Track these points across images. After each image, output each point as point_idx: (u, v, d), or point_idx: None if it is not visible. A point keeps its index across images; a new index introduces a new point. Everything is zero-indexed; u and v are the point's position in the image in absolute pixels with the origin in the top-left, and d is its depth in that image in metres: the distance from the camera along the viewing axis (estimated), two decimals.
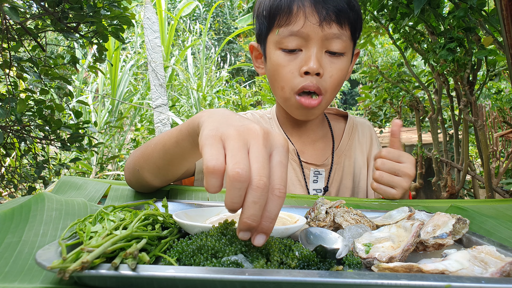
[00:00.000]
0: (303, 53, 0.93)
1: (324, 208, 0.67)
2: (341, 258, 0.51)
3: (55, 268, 0.39)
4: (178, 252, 0.50)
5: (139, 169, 0.81)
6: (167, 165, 0.76)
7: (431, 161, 2.60)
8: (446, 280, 0.40)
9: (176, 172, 0.81)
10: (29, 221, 0.58)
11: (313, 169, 1.08)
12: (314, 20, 0.90)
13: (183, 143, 0.66)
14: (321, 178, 1.09)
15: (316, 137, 1.13)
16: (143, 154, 0.80)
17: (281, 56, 0.95)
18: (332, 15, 0.90)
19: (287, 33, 0.92)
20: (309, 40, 0.92)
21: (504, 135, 2.36)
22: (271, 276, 0.40)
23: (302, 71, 0.93)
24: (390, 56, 3.55)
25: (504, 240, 0.65)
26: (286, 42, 0.93)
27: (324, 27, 0.91)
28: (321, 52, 0.93)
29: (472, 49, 1.69)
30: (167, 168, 0.77)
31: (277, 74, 0.97)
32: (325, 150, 1.12)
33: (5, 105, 1.56)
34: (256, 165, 0.44)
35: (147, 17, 3.42)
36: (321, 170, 1.09)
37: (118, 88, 5.12)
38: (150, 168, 0.78)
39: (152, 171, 0.79)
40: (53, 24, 1.58)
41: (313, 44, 0.92)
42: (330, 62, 0.95)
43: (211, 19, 10.08)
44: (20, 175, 2.14)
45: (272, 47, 0.97)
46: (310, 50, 0.92)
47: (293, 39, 0.92)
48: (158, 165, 0.77)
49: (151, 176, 0.80)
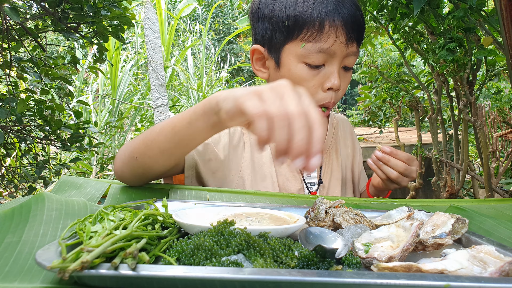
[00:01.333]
0: (326, 69, 0.96)
1: (324, 208, 0.67)
2: (341, 258, 0.51)
3: (55, 268, 0.39)
4: (178, 251, 0.50)
5: (138, 156, 0.82)
6: (173, 147, 0.78)
7: (430, 161, 2.60)
8: (445, 280, 0.40)
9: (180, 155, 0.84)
10: (29, 221, 0.58)
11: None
12: (343, 39, 0.93)
13: (197, 123, 0.70)
14: (314, 172, 1.13)
15: None
16: (144, 140, 0.81)
17: (305, 71, 0.96)
18: (355, 34, 0.94)
19: (315, 49, 0.93)
20: (334, 57, 0.95)
21: (503, 135, 2.36)
22: (271, 276, 0.40)
23: (326, 87, 0.96)
24: (389, 56, 3.56)
25: (503, 239, 0.65)
26: (313, 58, 0.94)
27: (348, 45, 0.94)
28: (340, 68, 0.97)
29: (471, 49, 1.69)
30: (171, 151, 0.79)
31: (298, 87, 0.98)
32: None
33: (6, 105, 1.56)
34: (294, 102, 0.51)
35: (147, 17, 3.42)
36: None
37: (118, 88, 5.12)
38: (152, 153, 0.80)
39: (154, 156, 0.81)
40: (54, 24, 1.58)
41: (336, 61, 0.95)
42: (344, 77, 1.00)
43: (211, 20, 10.08)
44: (21, 175, 2.14)
45: (293, 58, 0.96)
46: (333, 66, 0.95)
47: (321, 55, 0.94)
48: (161, 149, 0.79)
49: (150, 161, 0.82)
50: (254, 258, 0.48)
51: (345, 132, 1.26)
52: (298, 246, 0.52)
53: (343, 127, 1.26)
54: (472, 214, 0.76)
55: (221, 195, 0.90)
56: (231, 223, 0.54)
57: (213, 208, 0.71)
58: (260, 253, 0.49)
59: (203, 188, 0.96)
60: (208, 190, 0.94)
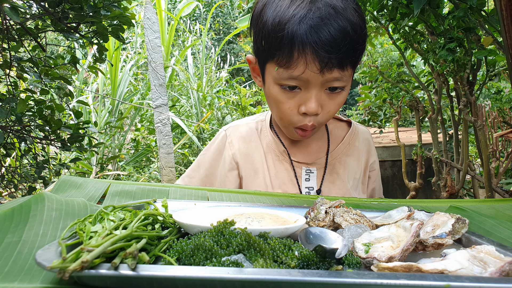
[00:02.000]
0: (302, 93, 0.91)
1: (324, 208, 0.67)
2: (341, 258, 0.51)
3: (55, 268, 0.39)
4: (178, 252, 0.50)
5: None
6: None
7: (430, 161, 2.60)
8: (445, 280, 0.40)
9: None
10: (29, 221, 0.58)
11: (304, 168, 1.09)
12: (314, 68, 0.85)
13: None
14: (313, 177, 1.09)
15: (309, 141, 1.14)
16: None
17: (280, 93, 0.92)
18: (334, 60, 0.85)
19: (286, 76, 0.88)
20: (308, 83, 0.88)
21: (503, 135, 2.36)
22: (271, 276, 0.40)
23: (301, 111, 0.92)
24: (389, 56, 3.55)
25: (503, 240, 0.65)
26: (285, 82, 0.89)
27: (325, 73, 0.86)
28: (321, 92, 0.90)
29: (472, 49, 1.69)
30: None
31: (276, 107, 0.97)
32: (318, 152, 1.13)
33: (5, 105, 1.56)
34: None
35: (147, 17, 3.42)
36: (312, 169, 1.10)
37: (118, 88, 5.12)
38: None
39: None
40: (53, 24, 1.58)
41: (313, 87, 0.89)
42: (330, 98, 0.92)
43: (211, 19, 10.08)
44: (20, 175, 2.14)
45: (271, 79, 0.93)
46: (310, 91, 0.90)
47: (293, 81, 0.89)
48: None
49: None
50: (255, 258, 0.48)
51: (363, 146, 1.19)
52: (298, 246, 0.52)
53: (361, 140, 1.20)
54: (472, 214, 0.76)
55: (221, 195, 0.90)
56: (231, 223, 0.54)
57: (213, 208, 0.71)
58: (260, 253, 0.49)
59: (203, 188, 0.96)
60: (208, 190, 0.94)
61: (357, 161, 1.16)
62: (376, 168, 1.23)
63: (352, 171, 1.14)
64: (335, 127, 1.20)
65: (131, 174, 4.27)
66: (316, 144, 1.14)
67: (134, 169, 4.56)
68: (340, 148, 1.15)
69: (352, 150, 1.16)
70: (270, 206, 0.77)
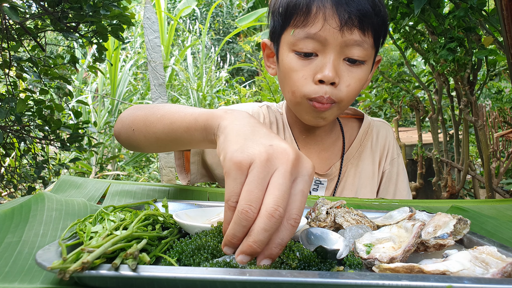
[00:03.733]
0: (319, 59, 0.85)
1: (325, 209, 0.67)
2: (342, 259, 0.51)
3: (56, 268, 0.39)
4: (178, 252, 0.50)
5: (136, 129, 0.78)
6: (168, 142, 0.73)
7: (431, 161, 2.60)
8: (447, 281, 0.40)
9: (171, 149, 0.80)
10: (29, 221, 0.58)
11: (314, 178, 1.02)
12: (334, 24, 0.81)
13: (195, 133, 0.64)
14: (321, 188, 1.02)
15: (324, 146, 1.06)
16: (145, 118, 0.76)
17: (294, 60, 0.87)
18: (354, 19, 0.81)
19: (303, 35, 0.83)
20: (326, 45, 0.83)
21: (504, 135, 2.36)
22: (272, 277, 0.40)
23: (316, 79, 0.84)
24: (390, 56, 3.56)
25: (505, 240, 0.65)
26: (301, 44, 0.84)
27: (344, 32, 0.81)
28: (339, 60, 0.85)
29: (472, 49, 1.69)
30: (166, 143, 0.75)
31: (289, 78, 0.89)
32: (331, 159, 1.05)
33: (5, 105, 1.56)
34: (276, 193, 0.43)
35: (147, 17, 3.42)
36: (323, 180, 1.02)
37: (117, 88, 5.12)
38: (149, 135, 0.76)
39: (149, 138, 0.77)
40: (53, 24, 1.58)
41: (331, 50, 0.83)
42: (348, 71, 0.86)
43: (210, 19, 10.08)
44: (20, 175, 2.14)
45: (286, 48, 0.89)
46: (327, 56, 0.84)
47: (309, 42, 0.83)
48: (158, 137, 0.74)
49: (145, 142, 0.78)
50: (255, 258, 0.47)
51: (379, 144, 1.08)
52: (299, 246, 0.52)
53: (377, 137, 1.09)
54: (474, 214, 0.76)
55: (222, 195, 0.90)
56: None
57: (213, 208, 0.71)
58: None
59: (203, 188, 0.96)
60: (208, 190, 0.94)
61: (372, 164, 1.06)
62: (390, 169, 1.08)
63: (365, 177, 1.05)
64: (350, 127, 1.10)
65: (131, 174, 4.26)
66: (330, 151, 1.06)
67: (133, 169, 4.56)
68: (350, 152, 1.06)
69: (366, 152, 1.07)
70: None
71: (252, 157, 0.45)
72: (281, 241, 0.43)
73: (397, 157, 1.10)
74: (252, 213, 0.42)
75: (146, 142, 0.79)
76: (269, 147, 0.46)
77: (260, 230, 0.42)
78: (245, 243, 0.42)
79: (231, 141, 0.49)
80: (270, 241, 0.43)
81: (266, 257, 0.43)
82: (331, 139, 1.07)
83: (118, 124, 0.86)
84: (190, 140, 0.68)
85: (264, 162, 0.44)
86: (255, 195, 0.43)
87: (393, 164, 1.09)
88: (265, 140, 0.48)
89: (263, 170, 0.44)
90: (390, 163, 1.09)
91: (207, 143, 0.63)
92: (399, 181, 1.08)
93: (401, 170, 1.10)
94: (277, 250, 0.43)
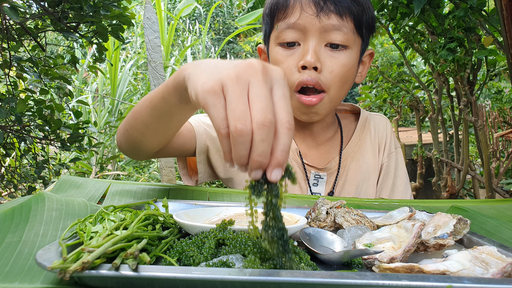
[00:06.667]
0: (301, 47, 0.90)
1: (325, 209, 0.67)
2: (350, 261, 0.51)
3: (56, 268, 0.39)
4: (179, 252, 0.50)
5: (129, 128, 0.80)
6: (155, 122, 0.74)
7: (431, 161, 2.60)
8: (447, 281, 0.40)
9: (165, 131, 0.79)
10: (29, 221, 0.58)
11: (313, 172, 1.03)
12: (310, 11, 0.87)
13: (170, 98, 0.65)
14: (321, 182, 1.03)
15: (322, 140, 1.07)
16: (132, 112, 0.79)
17: (280, 52, 0.93)
18: (330, 5, 0.87)
19: (284, 27, 0.91)
20: (306, 32, 0.89)
21: (504, 135, 2.36)
22: (272, 277, 0.40)
23: (299, 66, 0.89)
24: (390, 56, 3.56)
25: (504, 240, 0.65)
26: (284, 35, 0.91)
27: (321, 18, 0.87)
28: (320, 45, 0.89)
29: (472, 49, 1.69)
30: (155, 126, 0.76)
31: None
32: (330, 154, 1.06)
33: (5, 105, 1.56)
34: (259, 104, 0.43)
35: (147, 17, 3.42)
36: (322, 174, 1.03)
37: (118, 88, 5.12)
38: (139, 126, 0.78)
39: (140, 129, 0.78)
40: (53, 24, 1.58)
41: (311, 37, 0.89)
42: (330, 56, 0.90)
43: (211, 19, 10.08)
44: (20, 175, 2.13)
45: (273, 44, 0.95)
46: (308, 43, 0.89)
47: (290, 32, 0.90)
48: (146, 123, 0.75)
49: (139, 135, 0.79)
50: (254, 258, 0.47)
51: (378, 138, 1.08)
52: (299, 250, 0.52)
53: (375, 131, 1.09)
54: (474, 214, 0.76)
55: (222, 195, 0.90)
56: (230, 223, 0.53)
57: (213, 208, 0.71)
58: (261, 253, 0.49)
59: (203, 188, 0.96)
60: (208, 190, 0.94)
61: (373, 158, 1.06)
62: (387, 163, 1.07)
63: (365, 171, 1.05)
64: (348, 122, 1.12)
65: (131, 174, 4.26)
66: (328, 145, 1.07)
67: (134, 169, 4.56)
68: (350, 146, 1.06)
69: (365, 146, 1.07)
70: None
71: (221, 79, 0.45)
72: (283, 147, 0.43)
73: (395, 151, 1.10)
74: (246, 128, 0.42)
75: (140, 135, 0.80)
76: (234, 67, 0.46)
77: (258, 142, 0.42)
78: (251, 160, 0.43)
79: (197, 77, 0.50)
80: (273, 150, 0.43)
81: (275, 167, 0.43)
82: (329, 134, 1.08)
83: (118, 134, 0.88)
84: (169, 109, 0.68)
85: (235, 80, 0.44)
86: (240, 111, 0.43)
87: (390, 158, 1.08)
88: (229, 64, 0.48)
89: (238, 86, 0.44)
90: (388, 157, 1.08)
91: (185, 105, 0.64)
92: (396, 176, 1.07)
93: (399, 165, 1.09)
94: (283, 156, 0.43)
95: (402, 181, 1.07)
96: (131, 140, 0.83)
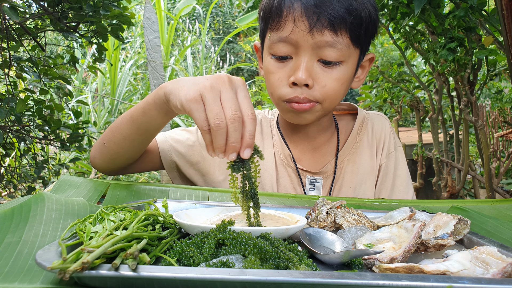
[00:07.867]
0: (293, 62, 0.87)
1: (325, 209, 0.67)
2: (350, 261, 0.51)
3: (56, 268, 0.39)
4: (178, 252, 0.50)
5: (106, 142, 0.90)
6: (134, 133, 0.86)
7: (431, 161, 2.60)
8: (447, 281, 0.40)
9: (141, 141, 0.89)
10: (29, 221, 0.58)
11: (309, 177, 1.02)
12: (303, 27, 0.82)
13: (150, 112, 0.79)
14: (318, 186, 1.02)
15: (317, 144, 1.05)
16: (111, 128, 0.90)
17: (271, 62, 0.90)
18: (324, 21, 0.81)
19: (276, 39, 0.86)
20: (298, 47, 0.85)
21: (504, 135, 2.36)
22: (272, 277, 0.40)
23: (290, 81, 0.86)
24: (390, 56, 3.55)
25: (505, 240, 0.65)
26: (275, 48, 0.87)
27: (314, 34, 0.82)
28: (312, 61, 0.85)
29: (472, 49, 1.69)
30: (134, 137, 0.87)
31: (267, 80, 0.93)
32: (326, 157, 1.04)
33: (5, 105, 1.56)
34: (228, 104, 0.60)
35: (146, 16, 3.42)
36: (318, 178, 1.02)
37: (117, 88, 5.12)
38: (117, 139, 0.88)
39: (118, 141, 0.88)
40: (53, 23, 1.57)
41: (303, 52, 0.84)
42: (323, 71, 0.86)
43: (210, 19, 10.08)
44: (20, 175, 2.13)
45: (266, 51, 0.93)
46: (300, 58, 0.85)
47: (282, 45, 0.86)
48: (124, 135, 0.87)
49: (117, 148, 0.89)
50: (254, 258, 0.47)
51: (375, 138, 1.05)
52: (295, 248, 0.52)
53: (374, 131, 1.06)
54: (474, 214, 0.76)
55: (222, 195, 0.90)
56: (230, 223, 0.53)
57: (213, 208, 0.71)
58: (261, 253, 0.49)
59: (203, 188, 0.96)
60: (208, 190, 0.94)
61: (370, 159, 1.04)
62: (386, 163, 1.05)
63: (363, 173, 1.03)
64: (345, 123, 1.09)
65: (131, 174, 4.26)
66: (324, 148, 1.05)
67: None
68: (346, 148, 1.03)
69: (362, 147, 1.04)
70: (271, 207, 0.77)
71: (200, 90, 0.62)
72: (250, 132, 0.59)
73: (394, 151, 1.07)
74: (222, 123, 0.58)
75: (117, 147, 0.90)
76: (207, 80, 0.63)
77: (232, 132, 0.58)
78: (227, 147, 0.59)
79: (178, 91, 0.66)
80: (243, 136, 0.59)
81: (246, 148, 0.59)
82: (325, 138, 1.06)
83: (92, 150, 0.97)
84: (150, 120, 0.81)
85: (210, 89, 0.61)
86: (217, 111, 0.59)
87: (389, 158, 1.06)
88: (203, 79, 0.64)
89: (212, 94, 0.60)
90: (387, 157, 1.06)
91: (163, 115, 0.79)
92: (397, 176, 1.05)
93: (399, 164, 1.06)
94: (251, 139, 0.60)
95: (402, 181, 1.05)
96: (106, 154, 0.92)
